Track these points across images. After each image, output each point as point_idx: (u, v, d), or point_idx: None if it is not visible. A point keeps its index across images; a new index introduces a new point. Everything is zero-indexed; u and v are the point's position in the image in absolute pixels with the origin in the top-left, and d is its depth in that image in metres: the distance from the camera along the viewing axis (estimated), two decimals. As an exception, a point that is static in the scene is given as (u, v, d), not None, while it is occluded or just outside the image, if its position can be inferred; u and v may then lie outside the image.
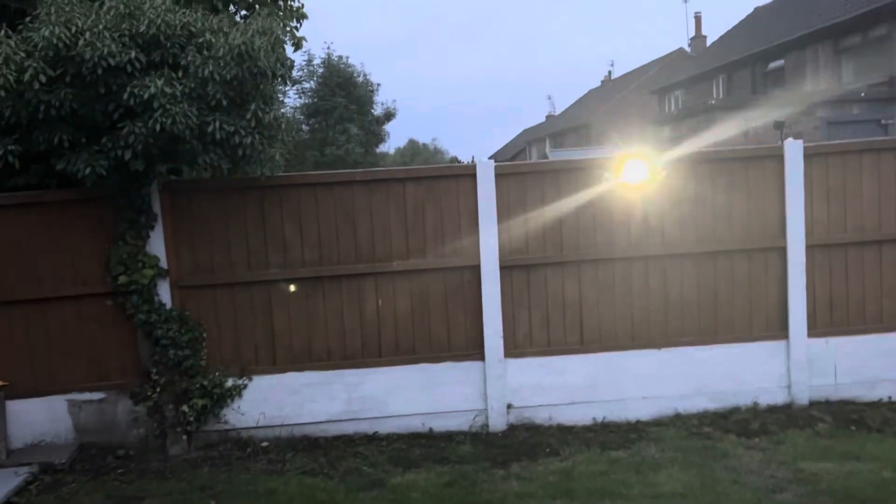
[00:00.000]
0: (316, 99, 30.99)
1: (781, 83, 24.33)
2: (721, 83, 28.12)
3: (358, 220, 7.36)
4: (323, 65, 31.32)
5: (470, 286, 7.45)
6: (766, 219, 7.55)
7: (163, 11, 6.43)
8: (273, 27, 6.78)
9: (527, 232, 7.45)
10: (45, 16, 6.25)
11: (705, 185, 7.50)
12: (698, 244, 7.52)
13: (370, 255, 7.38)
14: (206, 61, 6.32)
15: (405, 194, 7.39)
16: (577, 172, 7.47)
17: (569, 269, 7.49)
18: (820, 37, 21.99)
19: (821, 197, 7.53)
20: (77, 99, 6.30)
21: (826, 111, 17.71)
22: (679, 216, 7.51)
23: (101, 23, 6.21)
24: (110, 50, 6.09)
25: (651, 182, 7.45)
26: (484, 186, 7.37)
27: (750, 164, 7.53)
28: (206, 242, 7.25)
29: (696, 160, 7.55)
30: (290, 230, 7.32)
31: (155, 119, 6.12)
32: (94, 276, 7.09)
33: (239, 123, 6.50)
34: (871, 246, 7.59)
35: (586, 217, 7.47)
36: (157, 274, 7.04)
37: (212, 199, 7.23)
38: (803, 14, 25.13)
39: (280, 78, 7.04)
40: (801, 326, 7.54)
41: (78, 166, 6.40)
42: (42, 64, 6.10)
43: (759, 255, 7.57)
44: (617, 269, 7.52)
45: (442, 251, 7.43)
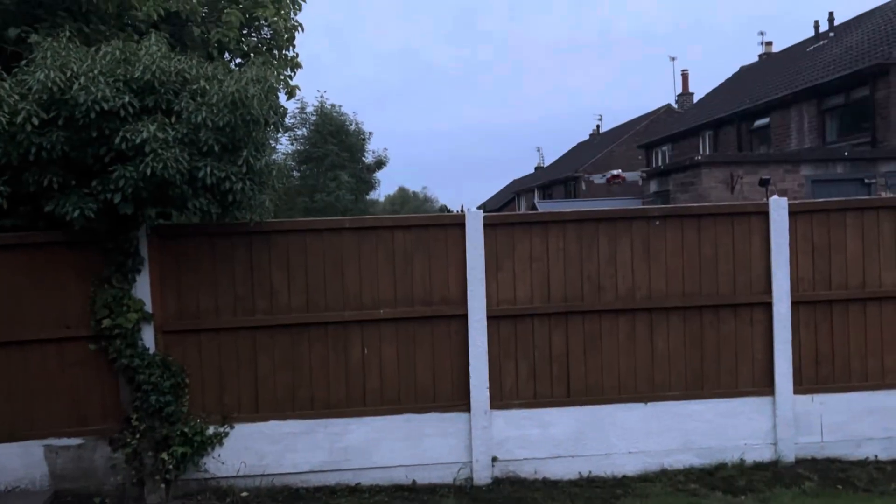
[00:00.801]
0: (308, 146, 31.26)
1: (767, 140, 24.76)
2: (707, 139, 28.58)
3: (346, 268, 7.36)
4: (316, 112, 31.68)
5: (457, 335, 7.43)
6: (751, 274, 7.60)
7: (158, 58, 6.52)
8: (267, 76, 6.88)
9: (514, 282, 7.47)
10: (41, 59, 6.32)
11: (691, 240, 7.57)
12: (685, 298, 7.55)
13: (357, 302, 7.36)
14: (200, 108, 6.39)
15: (394, 242, 7.41)
16: (565, 224, 7.52)
17: (556, 321, 7.49)
18: (804, 97, 22.47)
19: (806, 254, 7.61)
20: (69, 142, 6.33)
21: (810, 169, 18.00)
22: (665, 270, 7.56)
23: (96, 67, 6.27)
24: (104, 94, 6.15)
25: (638, 235, 7.51)
26: (472, 236, 7.41)
27: (736, 220, 7.61)
28: (193, 287, 7.22)
29: (683, 215, 7.63)
30: (278, 276, 7.30)
31: (146, 163, 6.15)
32: (78, 319, 7.02)
33: (230, 169, 6.53)
34: (855, 303, 7.64)
35: (573, 268, 7.50)
36: (142, 318, 6.98)
37: (200, 244, 7.22)
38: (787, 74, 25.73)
39: (273, 125, 7.12)
40: (787, 382, 7.53)
41: (67, 208, 6.40)
42: (35, 107, 6.14)
43: (745, 310, 7.60)
44: (604, 320, 7.53)
45: (430, 300, 7.42)
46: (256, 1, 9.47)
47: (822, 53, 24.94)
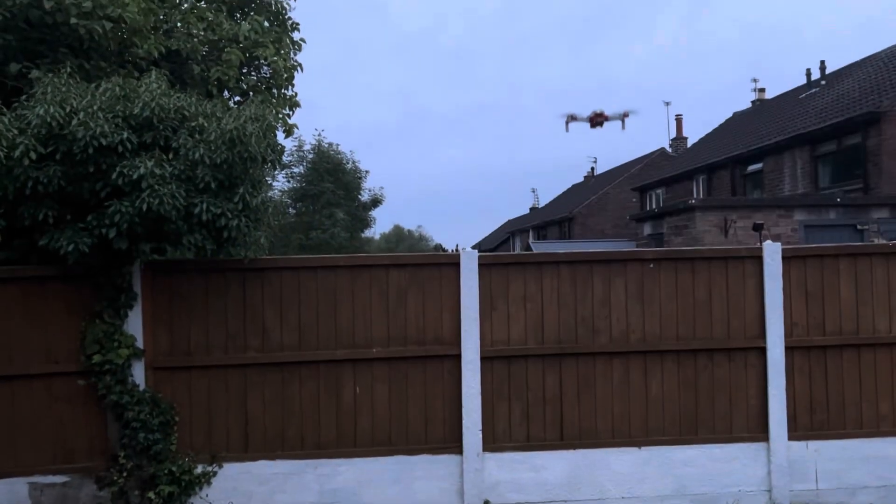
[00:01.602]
0: (304, 183, 31.38)
1: (760, 185, 24.96)
2: (701, 183, 28.80)
3: (339, 306, 7.34)
4: (313, 150, 31.86)
5: (450, 376, 7.38)
6: (745, 318, 7.60)
7: (158, 95, 6.57)
8: (266, 114, 6.94)
9: (508, 323, 7.45)
10: (42, 95, 6.37)
11: (686, 283, 7.58)
12: (679, 341, 7.53)
13: (350, 340, 7.32)
14: (198, 144, 6.42)
15: (388, 281, 7.40)
16: (559, 265, 7.53)
17: (550, 362, 7.45)
18: (797, 143, 22.72)
19: (799, 299, 7.62)
20: (66, 176, 6.35)
21: (804, 215, 18.12)
22: (660, 312, 7.55)
23: (95, 103, 6.32)
24: (103, 130, 6.18)
25: (632, 277, 7.52)
26: (467, 276, 7.40)
27: (730, 263, 7.63)
28: (185, 323, 7.17)
29: (677, 258, 7.65)
30: (271, 314, 7.27)
31: (142, 199, 6.16)
32: (68, 354, 6.96)
33: (226, 206, 6.54)
34: (849, 349, 7.62)
35: (567, 310, 7.49)
36: (133, 354, 6.92)
37: (193, 280, 7.20)
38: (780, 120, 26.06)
39: (270, 163, 7.16)
40: (781, 428, 7.48)
41: (61, 243, 6.38)
42: (34, 141, 6.17)
43: (739, 354, 7.58)
44: (598, 363, 7.49)
45: (423, 339, 7.38)
46: (257, 41, 9.58)
47: (815, 101, 25.29)
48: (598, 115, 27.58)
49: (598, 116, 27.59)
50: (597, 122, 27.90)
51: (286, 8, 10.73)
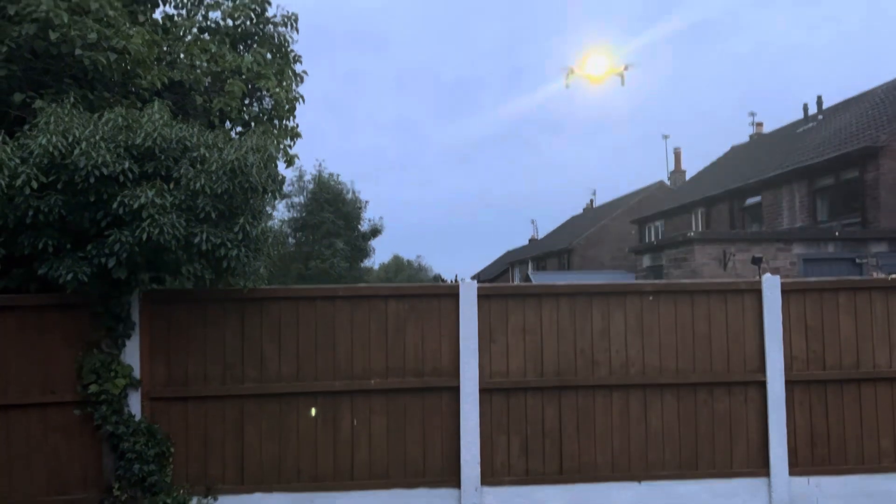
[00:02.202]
0: (304, 213, 31.46)
1: (759, 218, 25.04)
2: (700, 216, 28.89)
3: (338, 336, 7.31)
4: (313, 180, 31.99)
5: (448, 408, 7.33)
6: (745, 352, 7.57)
7: (160, 125, 6.62)
8: (267, 145, 6.99)
9: (507, 355, 7.42)
10: (45, 124, 6.41)
11: (685, 316, 7.57)
12: (679, 375, 7.50)
13: (348, 371, 7.29)
14: (199, 175, 6.46)
15: (387, 311, 7.38)
16: (558, 297, 7.52)
17: (549, 395, 7.41)
18: (794, 177, 22.83)
19: (799, 333, 7.60)
20: (66, 205, 6.37)
21: (802, 248, 18.15)
22: (659, 345, 7.53)
23: (98, 133, 6.37)
24: (104, 160, 6.22)
25: (632, 310, 7.51)
26: (466, 307, 7.39)
27: (729, 297, 7.63)
28: (182, 353, 7.14)
29: (677, 290, 7.65)
30: (269, 344, 7.24)
31: (142, 228, 6.17)
32: (64, 384, 6.91)
33: (226, 236, 6.56)
34: (850, 384, 7.59)
35: (566, 342, 7.46)
36: (130, 384, 6.88)
37: (191, 310, 7.18)
38: (778, 154, 26.21)
39: (271, 193, 7.18)
40: (782, 463, 7.41)
41: (60, 272, 6.38)
42: (35, 170, 6.20)
43: (739, 388, 7.54)
44: (598, 396, 7.45)
45: (421, 371, 7.35)
46: (259, 73, 9.66)
47: (812, 135, 25.47)
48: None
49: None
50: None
51: (288, 41, 10.85)
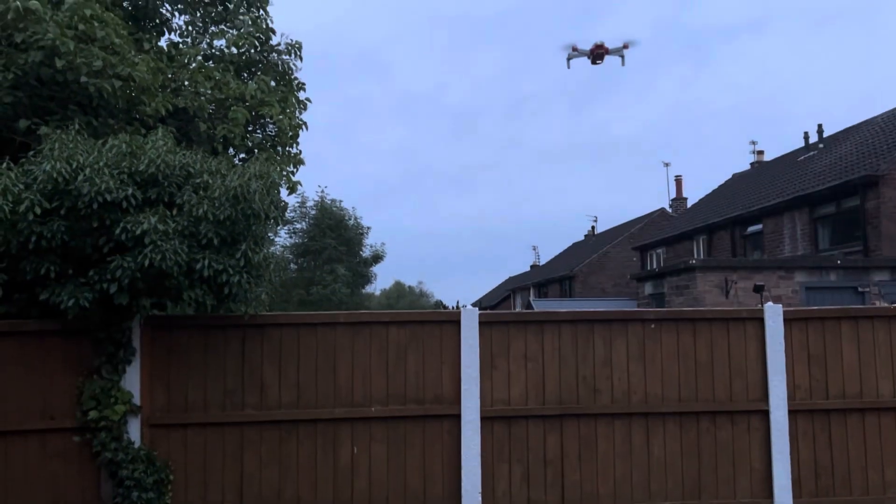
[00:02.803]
0: (306, 239, 31.54)
1: (760, 246, 25.04)
2: (701, 243, 28.89)
3: (339, 363, 7.29)
4: (316, 207, 32.10)
5: (449, 436, 7.28)
6: (748, 381, 7.53)
7: (164, 152, 6.66)
8: (270, 171, 7.02)
9: (509, 382, 7.38)
10: (49, 151, 6.45)
11: (687, 344, 7.54)
12: (681, 403, 7.45)
13: (349, 398, 7.25)
14: (202, 201, 6.48)
15: (388, 338, 7.36)
16: (560, 324, 7.50)
17: (551, 423, 7.36)
18: (796, 205, 22.87)
19: (802, 361, 7.56)
20: (69, 231, 6.39)
21: (804, 276, 18.12)
22: (661, 373, 7.49)
23: (102, 160, 6.41)
24: (108, 186, 6.25)
25: (634, 337, 7.49)
26: (467, 334, 7.37)
27: (731, 325, 7.61)
28: (183, 380, 7.12)
29: (679, 318, 7.63)
30: (270, 370, 7.22)
31: (145, 254, 6.19)
32: (64, 410, 6.88)
33: (228, 262, 6.56)
34: (853, 413, 7.54)
35: (568, 370, 7.43)
36: (129, 411, 6.85)
37: (192, 336, 7.17)
38: (779, 182, 26.29)
39: (273, 220, 7.20)
40: (786, 494, 7.34)
41: (62, 297, 6.39)
42: (39, 196, 6.23)
43: (742, 417, 7.49)
44: (600, 424, 7.40)
45: (422, 398, 7.31)
46: (263, 100, 9.75)
47: (813, 163, 25.56)
48: (599, 48, 27.45)
49: (598, 48, 27.46)
50: (598, 55, 27.75)
51: (292, 69, 10.97)
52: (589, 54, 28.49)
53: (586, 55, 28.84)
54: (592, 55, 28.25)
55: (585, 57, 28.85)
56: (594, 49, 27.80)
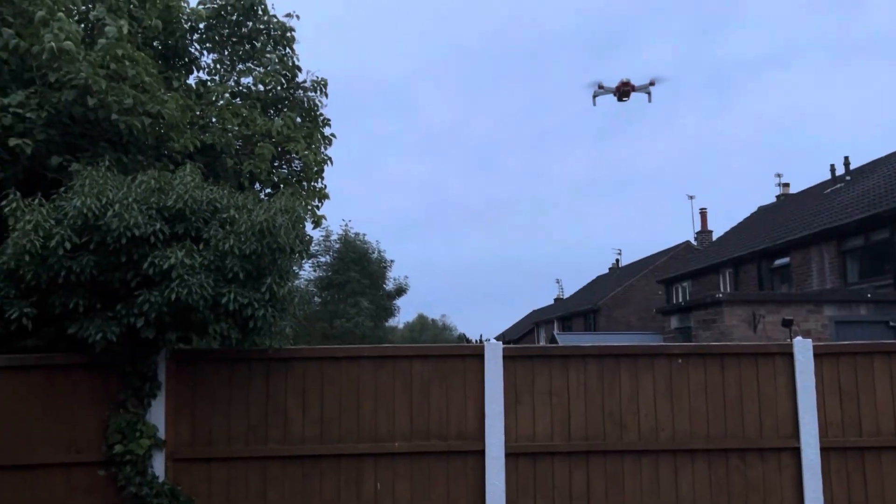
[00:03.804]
0: (330, 272, 31.66)
1: (788, 279, 24.72)
2: (728, 277, 28.59)
3: (362, 397, 7.26)
4: (340, 240, 32.29)
5: (473, 472, 7.20)
6: (778, 417, 7.39)
7: (191, 187, 6.76)
8: (295, 206, 7.09)
9: (534, 418, 7.30)
10: (80, 187, 6.57)
11: (715, 379, 7.42)
12: (709, 440, 7.32)
13: (372, 433, 7.21)
14: (228, 235, 6.55)
15: (412, 372, 7.33)
16: (585, 359, 7.43)
17: (576, 460, 7.25)
18: (823, 237, 22.61)
19: (833, 397, 7.41)
20: (98, 266, 6.47)
21: (834, 310, 17.84)
22: (689, 409, 7.37)
23: (131, 195, 6.51)
24: (136, 221, 6.34)
25: (660, 372, 7.39)
26: (491, 368, 7.32)
27: (760, 360, 7.49)
28: (207, 414, 7.12)
29: (706, 353, 7.52)
30: (293, 404, 7.20)
31: (171, 289, 6.25)
32: (90, 443, 6.91)
33: (253, 296, 6.61)
34: (889, 451, 7.34)
35: (594, 405, 7.34)
36: (154, 444, 6.86)
37: (217, 370, 7.19)
38: (806, 215, 26.03)
39: (298, 254, 7.25)
40: (820, 535, 7.14)
41: (90, 331, 6.45)
42: (69, 231, 6.33)
43: (773, 454, 7.33)
44: (626, 461, 7.28)
45: (446, 433, 7.25)
46: (289, 136, 9.89)
47: (840, 196, 25.30)
48: (625, 85, 27.21)
49: (624, 86, 27.23)
50: (624, 92, 27.51)
51: (318, 105, 11.13)
52: (615, 92, 28.46)
53: (612, 93, 28.81)
54: (619, 92, 28.22)
55: (612, 94, 28.81)
56: (620, 86, 27.78)
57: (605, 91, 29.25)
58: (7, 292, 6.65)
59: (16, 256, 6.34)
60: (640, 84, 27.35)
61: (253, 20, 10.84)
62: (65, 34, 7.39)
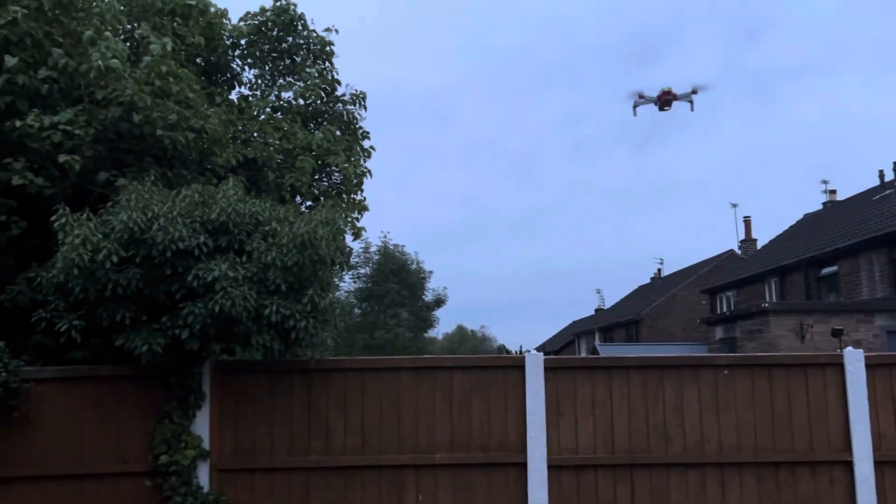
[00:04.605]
0: (370, 284, 31.86)
1: (836, 288, 24.13)
2: (773, 286, 28.01)
3: (403, 408, 7.25)
4: (379, 252, 32.48)
5: (515, 485, 7.13)
6: (828, 430, 7.19)
7: (234, 201, 6.85)
8: (335, 218, 7.15)
9: (576, 430, 7.22)
10: (126, 201, 6.71)
11: (762, 391, 7.26)
12: (758, 453, 7.15)
13: (413, 444, 7.19)
14: (270, 248, 6.63)
15: (452, 383, 7.31)
16: (628, 370, 7.32)
17: (621, 473, 7.14)
18: (873, 245, 22.02)
19: (887, 409, 7.18)
20: (144, 279, 6.59)
21: (885, 320, 17.35)
22: (736, 421, 7.21)
23: (175, 209, 6.62)
24: (181, 234, 6.45)
25: (705, 384, 7.25)
26: (532, 379, 7.26)
27: (809, 371, 7.30)
28: (250, 424, 7.18)
29: (753, 364, 7.36)
30: (335, 415, 7.23)
31: (215, 301, 6.33)
32: (136, 454, 7.02)
33: (295, 308, 6.66)
34: (946, 465, 7.09)
35: (638, 417, 7.23)
36: (199, 455, 6.93)
37: (259, 381, 7.25)
38: (854, 222, 25.41)
39: (338, 265, 7.30)
40: (875, 552, 6.92)
41: (136, 343, 6.57)
42: (116, 245, 6.46)
43: (824, 468, 7.13)
44: (672, 474, 7.14)
45: (487, 445, 7.20)
46: (329, 149, 9.98)
47: (889, 202, 24.64)
48: (667, 94, 26.61)
49: (665, 94, 26.63)
50: (665, 101, 26.93)
51: (357, 118, 11.23)
52: (656, 101, 28.02)
53: (654, 102, 28.38)
54: (660, 101, 27.76)
55: (653, 104, 28.38)
56: (661, 95, 27.33)
57: (646, 100, 28.81)
58: (56, 305, 6.82)
59: (65, 270, 6.49)
60: (681, 93, 26.90)
61: (293, 35, 11.00)
62: (111, 52, 7.58)
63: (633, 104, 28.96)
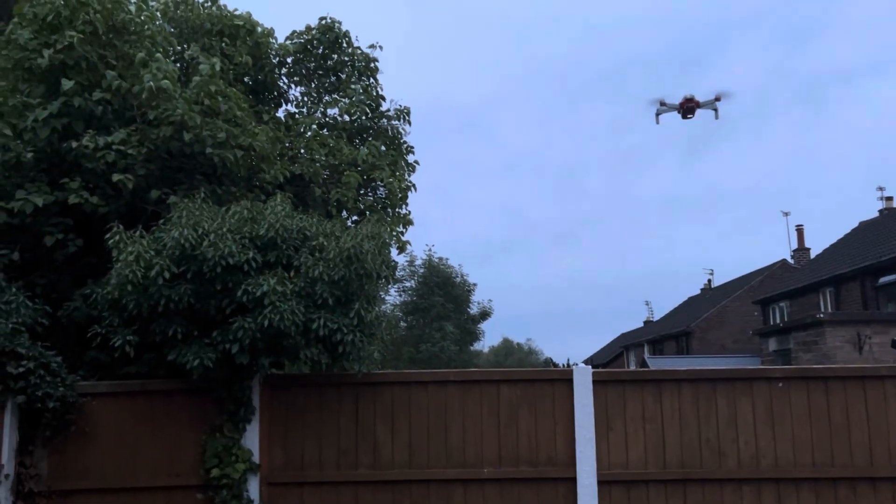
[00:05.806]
0: (415, 297, 31.94)
1: (894, 298, 23.38)
2: (828, 296, 27.27)
3: (450, 422, 7.23)
4: (424, 265, 32.56)
5: (565, 501, 7.04)
6: (889, 444, 6.94)
7: (282, 216, 6.95)
8: (381, 232, 7.19)
9: (626, 444, 7.10)
10: (177, 218, 6.85)
11: (819, 404, 7.05)
12: (815, 468, 6.94)
13: (461, 458, 7.16)
14: (317, 262, 6.70)
15: (499, 397, 7.26)
16: (680, 383, 7.19)
17: (673, 488, 6.99)
18: (933, 252, 21.32)
19: (952, 423, 6.91)
20: (195, 294, 6.71)
21: (948, 330, 16.73)
22: (792, 436, 7.01)
23: (225, 225, 6.74)
24: (230, 250, 6.56)
25: (760, 397, 7.07)
26: (581, 393, 7.17)
27: (868, 383, 7.07)
28: (299, 438, 7.24)
29: (809, 377, 7.16)
30: (382, 429, 7.24)
31: (264, 315, 6.42)
32: (188, 467, 7.12)
33: (342, 321, 6.71)
34: None
35: (690, 431, 7.08)
36: (249, 469, 7.01)
37: (308, 394, 7.30)
38: (913, 229, 24.62)
39: (384, 279, 7.33)
40: (943, 572, 6.64)
41: (187, 357, 6.68)
42: (168, 262, 6.60)
43: (886, 484, 6.89)
44: (726, 490, 6.97)
45: (535, 460, 7.13)
46: (374, 164, 10.07)
47: (950, 208, 23.84)
48: (689, 101, 26.02)
49: (688, 102, 26.04)
50: (688, 108, 26.35)
51: (401, 133, 11.31)
52: (679, 108, 27.53)
53: (676, 109, 27.88)
54: (683, 109, 27.25)
55: (675, 111, 27.88)
56: (683, 103, 26.83)
57: (668, 108, 28.29)
58: (111, 321, 6.99)
59: (119, 286, 6.65)
60: (704, 100, 26.35)
61: (338, 53, 11.14)
62: (162, 73, 7.77)
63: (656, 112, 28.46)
